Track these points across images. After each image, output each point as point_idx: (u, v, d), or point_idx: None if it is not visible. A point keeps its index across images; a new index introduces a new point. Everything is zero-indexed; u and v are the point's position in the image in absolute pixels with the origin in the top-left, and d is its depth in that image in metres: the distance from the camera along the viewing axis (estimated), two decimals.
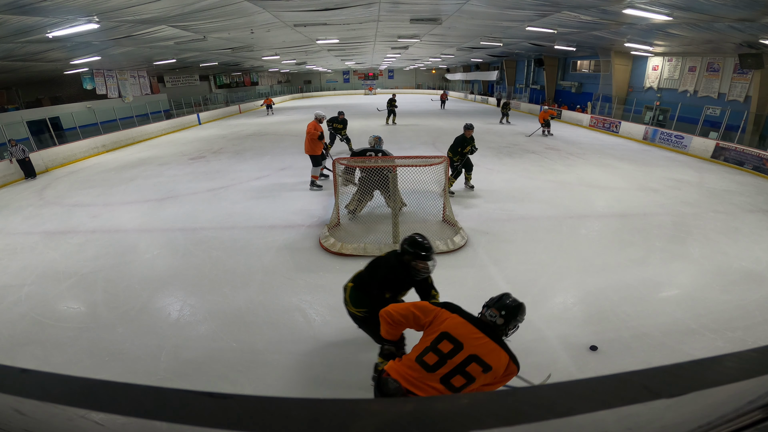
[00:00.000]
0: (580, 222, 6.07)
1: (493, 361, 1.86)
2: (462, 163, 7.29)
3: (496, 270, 4.60)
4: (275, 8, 8.55)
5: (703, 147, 11.17)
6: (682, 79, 13.65)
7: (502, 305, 2.04)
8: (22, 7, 5.96)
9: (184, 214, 6.68)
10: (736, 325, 3.57)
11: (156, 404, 0.46)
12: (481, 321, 2.02)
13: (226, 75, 28.73)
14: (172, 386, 0.49)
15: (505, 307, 2.03)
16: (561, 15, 9.31)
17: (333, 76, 42.75)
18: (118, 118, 14.97)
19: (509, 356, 1.93)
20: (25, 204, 7.74)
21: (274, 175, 9.07)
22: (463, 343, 1.87)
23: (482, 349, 1.87)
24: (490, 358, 1.86)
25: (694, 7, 7.07)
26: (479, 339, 1.90)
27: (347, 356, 3.25)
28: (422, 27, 12.67)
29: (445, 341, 1.89)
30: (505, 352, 1.93)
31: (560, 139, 13.68)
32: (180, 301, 4.12)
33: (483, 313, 2.08)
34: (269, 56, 19.02)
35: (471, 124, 7.14)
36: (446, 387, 1.81)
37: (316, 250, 5.16)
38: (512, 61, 25.86)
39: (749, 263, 4.74)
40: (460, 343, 1.87)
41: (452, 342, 1.88)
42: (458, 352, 1.85)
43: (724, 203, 7.01)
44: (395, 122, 17.53)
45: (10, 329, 3.69)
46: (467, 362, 1.84)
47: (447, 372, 1.83)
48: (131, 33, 9.27)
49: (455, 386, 1.81)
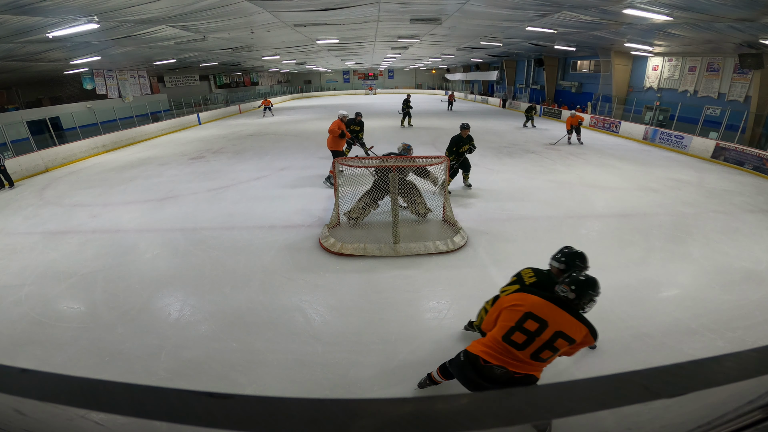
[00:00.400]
0: (580, 222, 6.07)
1: (575, 333, 2.05)
2: (459, 162, 7.33)
3: (496, 270, 4.60)
4: (275, 8, 8.55)
5: (703, 147, 11.17)
6: (682, 79, 13.65)
7: (572, 281, 2.10)
8: (22, 7, 5.96)
9: (184, 214, 6.68)
10: (736, 325, 3.57)
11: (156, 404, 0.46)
12: (558, 298, 2.12)
13: (226, 75, 28.72)
14: (172, 386, 0.49)
15: (574, 282, 2.10)
16: (561, 15, 9.31)
17: (333, 76, 42.74)
18: (118, 118, 14.96)
19: (588, 328, 2.08)
20: (25, 204, 7.74)
21: (274, 175, 9.07)
22: (547, 321, 2.05)
23: (565, 325, 2.04)
24: (572, 331, 2.05)
25: (694, 7, 7.07)
26: (561, 316, 2.06)
27: (347, 356, 3.25)
28: (422, 27, 12.67)
29: (530, 320, 2.07)
30: (584, 325, 2.07)
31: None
32: (180, 301, 4.13)
33: (556, 289, 2.16)
34: (269, 56, 19.02)
35: (467, 124, 7.23)
36: (536, 360, 2.08)
37: (316, 250, 5.16)
38: (512, 61, 25.86)
39: (749, 263, 4.74)
40: (544, 321, 2.05)
41: (537, 321, 2.06)
42: (544, 330, 2.04)
43: (724, 203, 7.01)
44: (411, 124, 16.78)
45: (10, 329, 3.69)
46: (554, 338, 2.04)
47: (536, 348, 2.05)
48: (131, 33, 9.27)
49: (543, 359, 2.08)
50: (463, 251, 5.06)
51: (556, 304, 2.08)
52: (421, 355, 3.23)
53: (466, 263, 4.79)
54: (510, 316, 2.12)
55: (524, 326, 2.06)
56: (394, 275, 4.51)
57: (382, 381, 3.00)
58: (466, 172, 7.57)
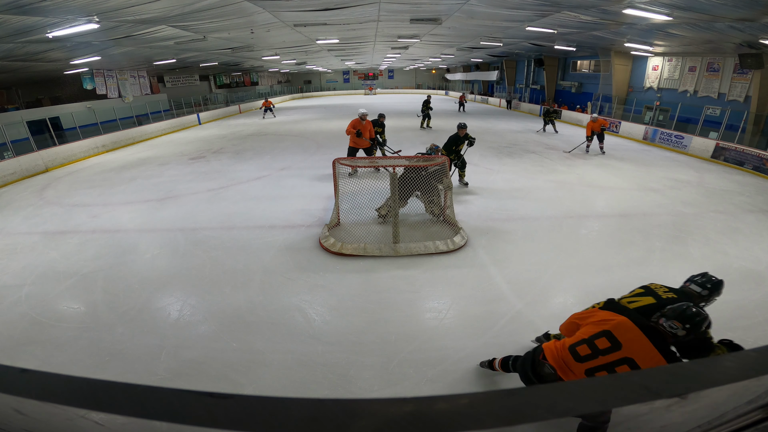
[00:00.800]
0: (580, 222, 6.07)
1: (646, 365, 1.84)
2: (459, 161, 7.55)
3: (496, 270, 4.60)
4: (275, 8, 8.55)
5: (703, 147, 11.17)
6: (682, 79, 13.65)
7: (687, 318, 1.91)
8: (22, 7, 5.95)
9: (184, 214, 6.68)
10: (736, 325, 3.57)
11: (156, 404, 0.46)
12: (653, 329, 1.96)
13: (226, 75, 28.71)
14: (172, 386, 0.49)
15: (690, 321, 1.91)
16: (561, 15, 9.31)
17: (333, 76, 42.73)
18: (118, 118, 14.95)
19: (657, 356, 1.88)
20: (25, 204, 7.74)
21: (274, 175, 9.07)
22: (622, 345, 1.91)
23: (641, 355, 1.87)
24: (645, 363, 1.85)
25: (694, 7, 7.06)
26: (643, 345, 1.90)
27: (347, 356, 3.25)
28: (422, 27, 12.66)
29: (604, 338, 1.96)
30: (666, 361, 1.87)
31: (561, 139, 13.68)
32: (180, 301, 4.13)
33: (662, 323, 1.96)
34: (269, 56, 19.02)
35: (464, 123, 7.51)
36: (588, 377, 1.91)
37: (316, 250, 5.16)
38: (512, 61, 25.85)
39: (749, 263, 4.74)
40: (619, 343, 1.92)
41: (611, 341, 1.94)
42: (613, 352, 1.92)
43: (724, 203, 7.01)
44: (430, 126, 16.35)
45: (10, 329, 3.69)
46: (619, 363, 1.90)
47: (595, 366, 1.94)
48: (131, 33, 9.26)
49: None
50: (463, 251, 5.06)
51: (644, 332, 1.92)
52: (421, 355, 3.23)
53: (466, 263, 4.79)
54: (589, 330, 2.05)
55: (595, 342, 1.98)
56: (394, 275, 4.51)
57: (382, 381, 3.00)
58: (462, 170, 7.69)
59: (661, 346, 1.89)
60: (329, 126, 17.41)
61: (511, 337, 3.43)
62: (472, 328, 3.58)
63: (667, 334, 1.92)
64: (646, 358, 1.85)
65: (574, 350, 2.02)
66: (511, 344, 3.32)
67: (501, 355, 2.83)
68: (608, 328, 1.97)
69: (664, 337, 1.93)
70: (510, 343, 3.32)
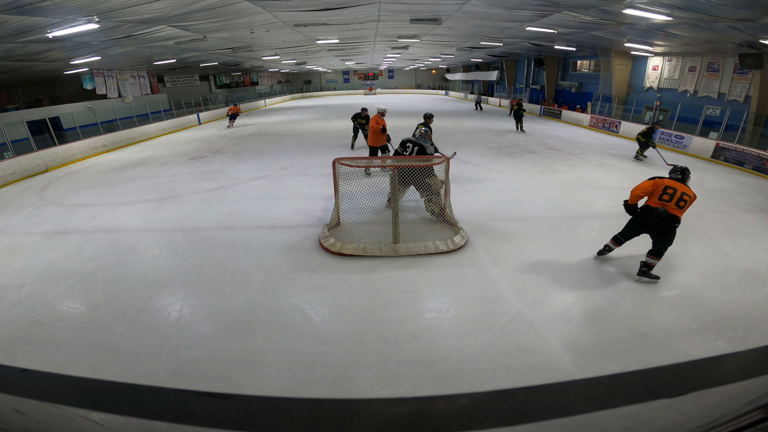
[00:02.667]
0: (580, 222, 6.07)
1: (689, 192, 4.02)
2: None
3: (496, 270, 4.60)
4: (275, 8, 8.55)
5: (703, 147, 11.17)
6: (682, 79, 13.65)
7: (676, 169, 4.28)
8: (22, 7, 5.96)
9: (184, 214, 6.68)
10: (736, 325, 3.57)
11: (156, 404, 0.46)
12: (675, 178, 4.21)
13: (226, 75, 28.72)
14: (172, 386, 0.49)
15: (679, 170, 4.27)
16: (561, 15, 9.31)
17: (333, 76, 42.74)
18: (118, 118, 14.95)
19: (692, 190, 4.08)
20: (25, 204, 7.74)
21: (274, 175, 9.08)
22: (676, 188, 4.01)
23: (684, 188, 4.02)
24: (688, 191, 4.02)
25: (694, 7, 7.07)
26: (680, 185, 4.05)
27: (347, 356, 3.25)
28: (422, 27, 12.67)
29: (668, 188, 4.02)
30: (691, 189, 4.07)
31: (560, 139, 13.69)
32: (180, 301, 4.13)
33: (670, 174, 4.30)
34: (269, 56, 19.02)
35: (430, 114, 7.80)
36: (678, 206, 3.97)
37: (316, 250, 5.16)
38: (512, 61, 25.86)
39: (749, 263, 4.74)
40: (674, 188, 4.01)
41: (672, 188, 4.01)
42: (676, 192, 3.99)
43: (724, 203, 7.01)
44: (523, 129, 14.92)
45: (10, 329, 3.69)
46: (682, 196, 3.97)
47: (677, 200, 3.96)
48: (131, 33, 9.27)
49: (681, 206, 3.96)
50: (463, 251, 5.06)
51: (676, 180, 4.17)
52: (421, 355, 3.23)
53: (466, 263, 4.79)
54: (657, 189, 4.09)
55: (667, 191, 4.02)
56: (394, 275, 4.51)
57: (382, 381, 3.00)
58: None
59: (684, 183, 4.19)
60: (329, 126, 17.41)
61: (511, 337, 3.43)
62: (472, 328, 3.58)
63: (678, 178, 4.24)
64: (686, 189, 4.02)
65: (662, 199, 4.02)
66: (512, 344, 3.32)
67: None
68: (665, 184, 4.08)
69: (681, 179, 4.23)
70: (510, 343, 3.33)
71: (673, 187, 3.97)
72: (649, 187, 4.11)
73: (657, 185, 4.06)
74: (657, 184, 4.06)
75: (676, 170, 4.29)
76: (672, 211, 3.95)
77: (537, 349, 3.29)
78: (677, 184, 4.01)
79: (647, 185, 4.12)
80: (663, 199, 3.97)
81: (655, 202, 4.04)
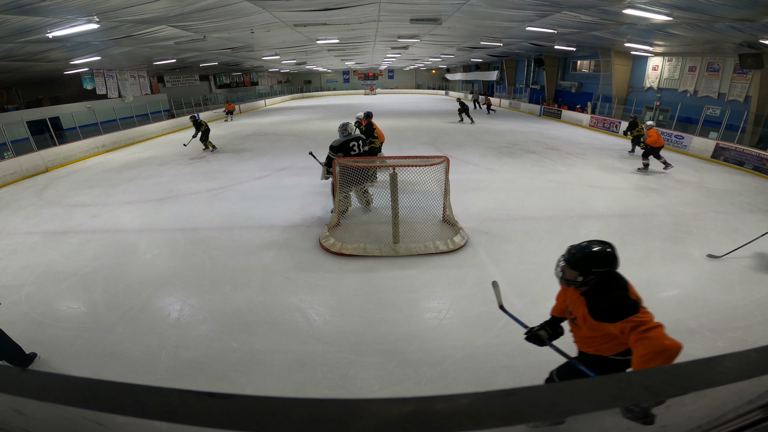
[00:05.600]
0: (580, 222, 6.07)
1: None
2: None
3: (496, 270, 4.60)
4: (275, 8, 8.55)
5: (703, 147, 11.16)
6: (682, 79, 13.64)
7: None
8: (22, 7, 5.95)
9: (184, 214, 6.68)
10: (736, 325, 3.57)
11: (156, 404, 0.46)
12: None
13: (226, 75, 28.70)
14: (172, 386, 0.49)
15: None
16: (561, 15, 9.31)
17: (333, 76, 42.71)
18: (118, 118, 14.96)
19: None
20: (25, 204, 7.74)
21: (274, 175, 9.07)
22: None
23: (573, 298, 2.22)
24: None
25: (694, 7, 7.06)
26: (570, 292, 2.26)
27: (347, 356, 3.25)
28: (422, 27, 12.66)
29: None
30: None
31: (560, 139, 13.68)
32: (180, 301, 4.13)
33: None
34: (269, 56, 19.01)
35: (370, 113, 7.97)
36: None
37: (316, 250, 5.16)
38: (512, 61, 25.84)
39: (749, 263, 4.74)
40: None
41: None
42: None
43: (724, 203, 7.01)
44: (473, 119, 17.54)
45: (10, 329, 3.67)
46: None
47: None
48: (131, 33, 9.26)
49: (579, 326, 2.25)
50: (463, 251, 5.06)
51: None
52: (421, 355, 3.23)
53: (466, 263, 4.79)
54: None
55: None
56: (394, 275, 4.51)
57: (382, 381, 3.00)
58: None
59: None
60: (329, 126, 17.39)
61: (511, 337, 3.42)
62: (472, 328, 3.58)
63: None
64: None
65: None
66: (512, 344, 3.31)
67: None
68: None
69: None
70: (510, 343, 3.32)
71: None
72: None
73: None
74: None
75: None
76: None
77: (537, 349, 3.28)
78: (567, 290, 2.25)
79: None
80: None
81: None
